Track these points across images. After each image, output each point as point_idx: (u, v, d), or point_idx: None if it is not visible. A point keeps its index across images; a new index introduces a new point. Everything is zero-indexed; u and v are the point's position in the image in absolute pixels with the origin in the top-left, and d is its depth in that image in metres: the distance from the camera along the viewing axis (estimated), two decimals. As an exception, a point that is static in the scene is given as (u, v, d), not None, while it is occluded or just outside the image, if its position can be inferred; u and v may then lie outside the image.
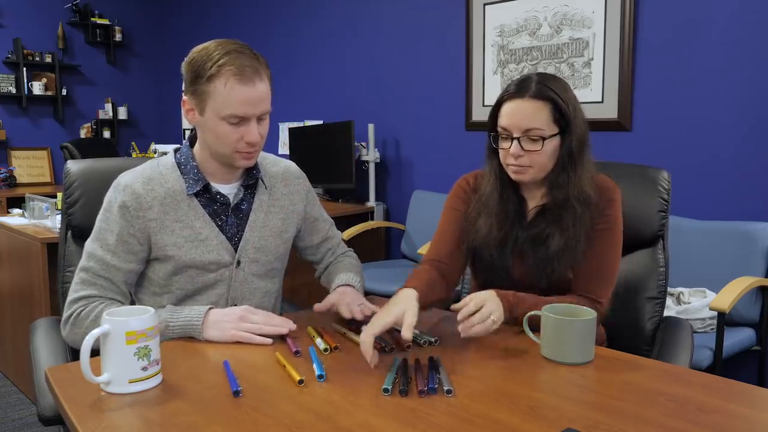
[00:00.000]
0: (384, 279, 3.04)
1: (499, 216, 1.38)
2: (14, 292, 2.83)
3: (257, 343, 1.20)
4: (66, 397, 0.97)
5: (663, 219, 1.54)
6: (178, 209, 1.34)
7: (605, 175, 1.40)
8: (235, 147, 1.29)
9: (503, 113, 1.33)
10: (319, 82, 4.35)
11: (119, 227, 1.31)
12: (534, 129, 1.30)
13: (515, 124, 1.31)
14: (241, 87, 1.24)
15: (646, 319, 1.52)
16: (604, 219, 1.35)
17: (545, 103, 1.30)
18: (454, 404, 0.94)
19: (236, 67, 1.23)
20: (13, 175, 5.08)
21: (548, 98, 1.30)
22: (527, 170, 1.33)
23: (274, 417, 0.90)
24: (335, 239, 1.64)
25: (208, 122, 1.29)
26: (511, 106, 1.32)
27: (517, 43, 3.17)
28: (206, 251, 1.35)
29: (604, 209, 1.35)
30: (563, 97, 1.31)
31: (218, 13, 5.21)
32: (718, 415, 0.90)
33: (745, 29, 2.47)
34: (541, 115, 1.30)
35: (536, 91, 1.30)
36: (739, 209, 2.52)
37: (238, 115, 1.25)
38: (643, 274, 1.55)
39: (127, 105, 5.81)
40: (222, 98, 1.24)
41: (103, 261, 1.30)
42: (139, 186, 1.33)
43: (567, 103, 1.31)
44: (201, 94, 1.27)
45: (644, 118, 2.78)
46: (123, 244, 1.31)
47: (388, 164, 3.93)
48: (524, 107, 1.30)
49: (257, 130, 1.29)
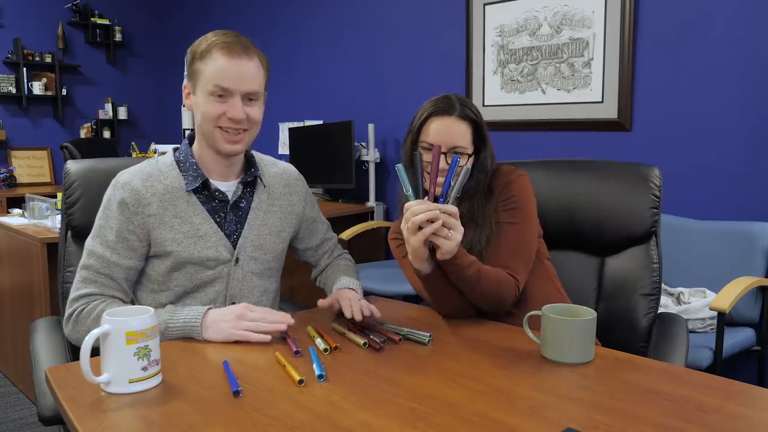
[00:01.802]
0: (384, 279, 3.04)
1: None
2: (14, 292, 2.83)
3: (255, 340, 1.20)
4: (66, 397, 0.97)
5: (655, 216, 1.54)
6: (177, 205, 1.35)
7: (508, 166, 1.48)
8: (217, 122, 1.31)
9: (432, 129, 1.41)
10: (319, 82, 4.35)
11: (118, 224, 1.32)
12: (459, 147, 1.40)
13: (444, 141, 1.39)
14: (226, 59, 1.28)
15: (642, 315, 1.53)
16: (510, 201, 1.41)
17: (468, 124, 1.41)
18: (454, 404, 0.94)
19: (225, 43, 1.29)
20: (13, 175, 5.08)
21: (470, 120, 1.42)
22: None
23: (274, 417, 0.90)
24: (332, 241, 1.65)
25: (198, 101, 1.32)
26: (441, 123, 1.41)
27: (517, 43, 3.17)
28: (205, 247, 1.35)
29: (507, 192, 1.42)
30: (479, 117, 1.43)
31: (218, 13, 5.21)
32: (718, 415, 0.90)
33: (745, 29, 2.47)
34: (467, 135, 1.41)
35: (461, 112, 1.41)
36: (739, 209, 2.52)
37: (222, 86, 1.28)
38: (637, 271, 1.55)
39: (127, 105, 5.81)
40: (209, 72, 1.29)
41: (103, 258, 1.31)
42: (138, 182, 1.34)
43: (483, 125, 1.43)
44: (194, 73, 1.32)
45: (644, 118, 2.78)
46: (123, 241, 1.32)
47: (388, 164, 3.93)
48: (452, 125, 1.40)
49: (241, 107, 1.30)
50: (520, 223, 1.41)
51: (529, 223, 1.42)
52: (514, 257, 1.38)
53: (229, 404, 0.94)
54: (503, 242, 1.38)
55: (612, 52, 2.82)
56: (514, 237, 1.39)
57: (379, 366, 1.09)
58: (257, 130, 1.37)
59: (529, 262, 1.41)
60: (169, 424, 0.88)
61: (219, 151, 1.34)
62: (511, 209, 1.41)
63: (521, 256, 1.39)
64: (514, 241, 1.39)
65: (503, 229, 1.39)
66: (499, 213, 1.41)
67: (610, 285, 1.59)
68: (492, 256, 1.38)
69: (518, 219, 1.41)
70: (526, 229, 1.41)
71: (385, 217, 3.87)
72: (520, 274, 1.37)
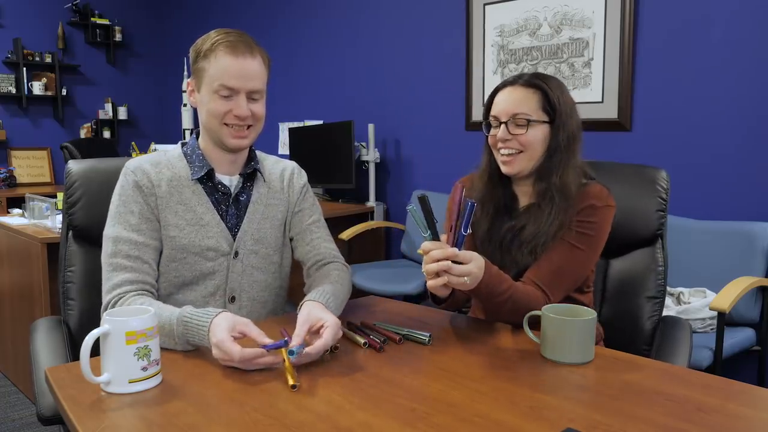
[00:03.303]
0: (384, 279, 3.04)
1: (488, 211, 1.42)
2: (14, 292, 2.83)
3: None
4: (66, 397, 0.97)
5: (662, 218, 1.54)
6: (183, 193, 1.37)
7: (603, 187, 1.39)
8: (223, 120, 1.32)
9: (495, 102, 1.39)
10: (319, 82, 4.35)
11: (139, 206, 1.33)
12: (520, 114, 1.34)
13: (503, 110, 1.36)
14: (231, 58, 1.30)
15: (646, 318, 1.52)
16: (586, 224, 1.34)
17: (534, 90, 1.36)
18: (454, 404, 0.94)
19: (229, 41, 1.31)
20: (13, 175, 5.08)
21: (538, 87, 1.36)
22: (515, 159, 1.36)
23: (274, 417, 0.90)
24: (325, 247, 1.50)
25: (203, 98, 1.34)
26: (503, 94, 1.38)
27: (517, 43, 3.17)
28: (206, 236, 1.36)
29: (588, 215, 1.34)
30: (554, 89, 1.36)
31: (218, 13, 5.21)
32: (718, 415, 0.90)
33: (745, 29, 2.47)
34: (530, 101, 1.35)
35: (527, 80, 1.37)
36: (739, 209, 2.52)
37: (228, 86, 1.30)
38: (642, 274, 1.55)
39: (127, 105, 5.81)
40: (214, 70, 1.31)
41: (130, 241, 1.30)
42: (148, 167, 1.37)
43: (557, 96, 1.35)
44: (198, 71, 1.34)
45: (644, 118, 2.78)
46: (146, 221, 1.33)
47: (388, 164, 3.93)
48: (514, 93, 1.37)
49: (246, 105, 1.32)
50: (584, 251, 1.34)
51: (591, 254, 1.35)
52: (558, 280, 1.32)
53: (229, 404, 0.94)
54: (556, 260, 1.32)
55: (612, 52, 2.82)
56: (569, 262, 1.33)
57: (379, 366, 1.09)
58: (261, 125, 1.40)
59: (569, 291, 1.36)
60: (169, 424, 0.88)
61: (225, 146, 1.36)
62: (582, 234, 1.33)
63: (565, 283, 1.34)
64: (567, 265, 1.33)
65: (564, 248, 1.33)
66: (571, 230, 1.33)
67: (614, 287, 1.58)
68: (540, 266, 1.33)
69: (584, 246, 1.34)
70: (585, 259, 1.35)
71: (385, 217, 3.87)
72: (555, 298, 1.32)
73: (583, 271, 1.37)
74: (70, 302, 1.53)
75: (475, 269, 1.16)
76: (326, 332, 1.11)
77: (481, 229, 1.42)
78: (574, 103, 1.39)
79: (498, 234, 1.41)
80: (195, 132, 1.46)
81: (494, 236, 1.41)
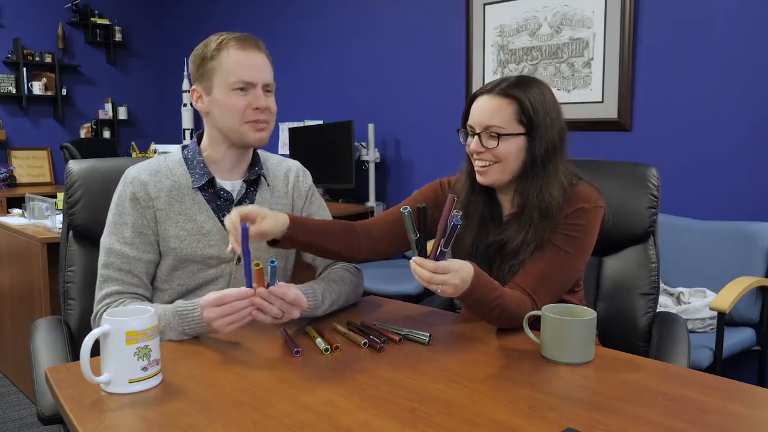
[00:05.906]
0: (384, 279, 3.04)
1: (472, 223, 1.38)
2: (14, 292, 2.83)
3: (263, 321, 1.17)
4: (66, 397, 0.97)
5: (653, 215, 1.55)
6: (183, 202, 1.36)
7: (592, 187, 1.35)
8: (244, 117, 1.33)
9: (472, 111, 1.35)
10: (319, 82, 4.35)
11: (133, 219, 1.33)
12: (493, 126, 1.30)
13: (477, 121, 1.33)
14: (243, 53, 1.32)
15: (640, 315, 1.53)
16: (575, 227, 1.31)
17: (510, 101, 1.30)
18: (454, 404, 0.94)
19: (236, 38, 1.33)
20: (13, 175, 5.08)
21: (513, 97, 1.29)
22: (489, 170, 1.33)
23: (274, 417, 0.90)
24: None
25: (216, 98, 1.34)
26: (479, 102, 1.34)
27: (517, 43, 3.17)
28: (208, 245, 1.36)
29: (577, 217, 1.31)
30: (532, 98, 1.29)
31: (218, 14, 5.21)
32: (718, 415, 0.90)
33: (745, 29, 2.47)
34: (503, 112, 1.30)
35: (503, 89, 1.31)
36: (739, 209, 2.52)
37: (245, 79, 1.32)
38: (635, 271, 1.55)
39: (127, 105, 5.81)
40: (227, 67, 1.32)
41: (122, 254, 1.32)
42: (146, 177, 1.36)
43: (535, 106, 1.29)
44: (207, 73, 1.34)
45: (644, 118, 2.78)
46: (140, 236, 1.33)
47: (388, 164, 3.93)
48: (489, 104, 1.31)
49: (264, 97, 1.34)
50: (572, 255, 1.30)
51: (579, 258, 1.33)
52: (545, 286, 1.29)
53: (229, 404, 0.94)
54: (543, 265, 1.29)
55: (612, 52, 2.82)
56: (558, 267, 1.30)
57: (379, 366, 1.09)
58: (275, 120, 1.41)
59: (558, 296, 1.33)
60: (169, 424, 0.88)
61: (247, 144, 1.36)
62: (570, 236, 1.30)
63: (553, 288, 1.31)
64: (555, 270, 1.30)
65: (552, 252, 1.30)
66: (558, 233, 1.30)
67: (608, 285, 1.59)
68: (528, 271, 1.30)
69: (572, 249, 1.30)
70: (573, 263, 1.32)
71: (385, 217, 3.87)
72: (542, 304, 1.28)
73: (572, 274, 1.34)
74: (70, 302, 1.53)
75: (456, 280, 1.13)
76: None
77: (465, 243, 1.39)
78: (559, 108, 1.34)
79: (482, 248, 1.38)
80: (196, 135, 1.45)
81: (479, 249, 1.38)
